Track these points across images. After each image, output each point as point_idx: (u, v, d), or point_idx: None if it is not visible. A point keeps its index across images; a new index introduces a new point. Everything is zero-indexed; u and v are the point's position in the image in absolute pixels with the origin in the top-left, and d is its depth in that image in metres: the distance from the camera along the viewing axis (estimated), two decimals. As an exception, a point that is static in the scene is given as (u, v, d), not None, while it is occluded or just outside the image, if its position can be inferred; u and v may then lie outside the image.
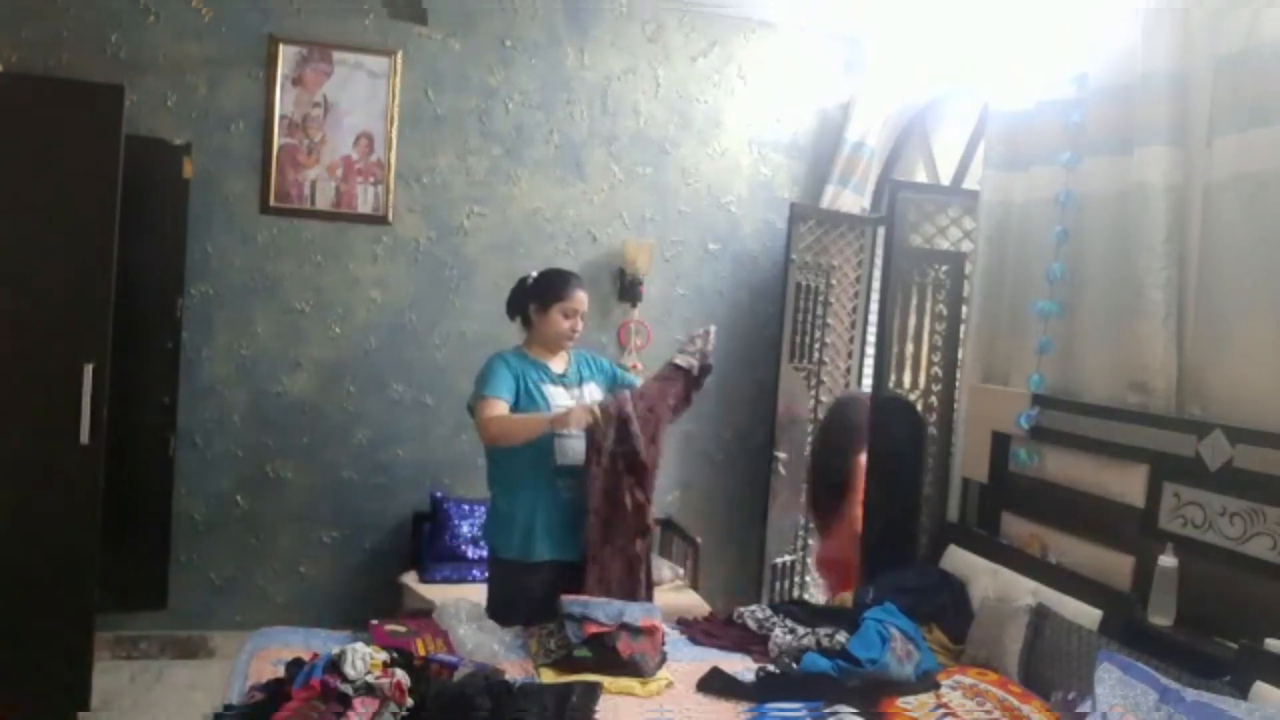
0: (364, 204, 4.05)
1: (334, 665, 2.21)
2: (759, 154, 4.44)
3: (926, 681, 2.55)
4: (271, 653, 2.51)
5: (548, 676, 2.51)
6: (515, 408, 2.87)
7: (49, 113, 3.22)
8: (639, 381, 3.16)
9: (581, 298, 3.01)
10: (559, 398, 2.93)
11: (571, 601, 2.69)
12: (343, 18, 3.98)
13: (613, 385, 3.11)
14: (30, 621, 3.19)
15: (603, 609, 2.64)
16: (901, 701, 2.44)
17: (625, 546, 2.91)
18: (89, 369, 3.18)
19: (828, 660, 2.51)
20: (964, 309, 3.53)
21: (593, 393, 3.03)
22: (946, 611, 2.96)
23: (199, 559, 3.99)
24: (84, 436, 3.18)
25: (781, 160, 4.47)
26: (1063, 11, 3.06)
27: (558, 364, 3.03)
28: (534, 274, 3.09)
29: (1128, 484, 2.65)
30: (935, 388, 3.65)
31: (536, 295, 3.00)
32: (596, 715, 2.29)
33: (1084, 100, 2.95)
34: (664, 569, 3.95)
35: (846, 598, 3.44)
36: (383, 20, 4.00)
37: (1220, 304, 2.48)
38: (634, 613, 2.65)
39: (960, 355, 3.55)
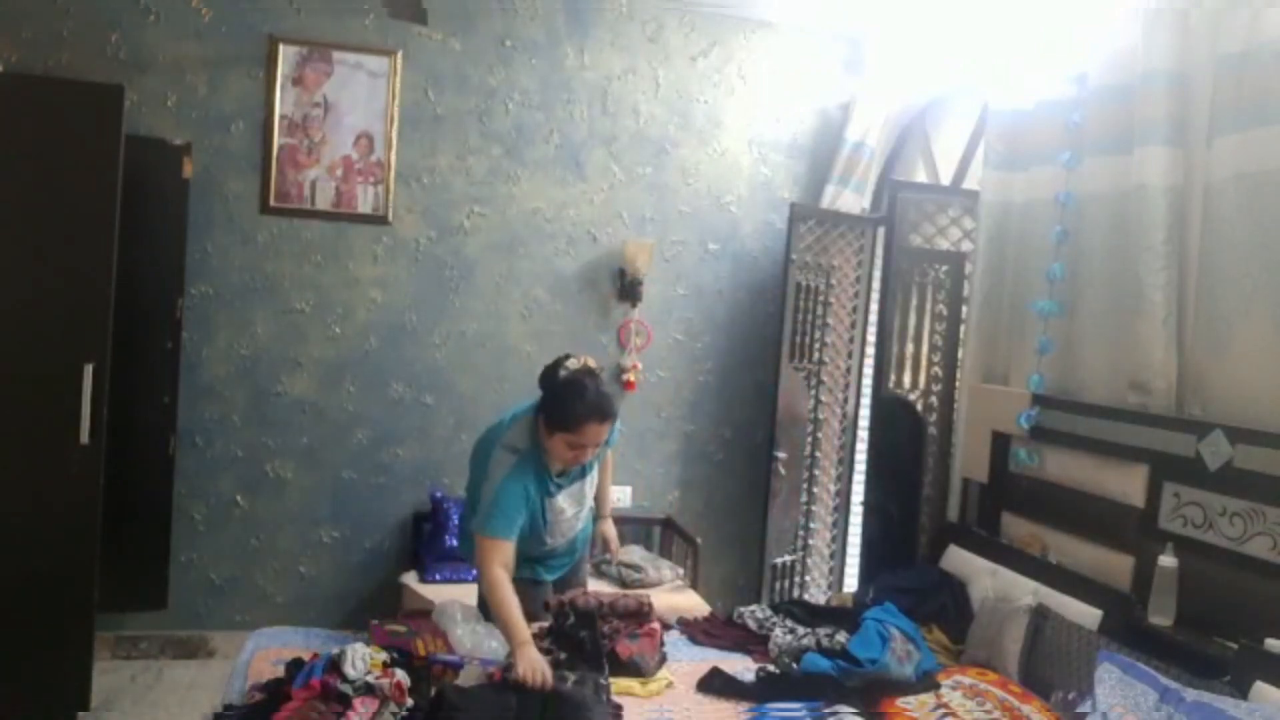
0: (364, 204, 4.05)
1: (334, 665, 2.21)
2: (759, 154, 4.44)
3: (926, 681, 2.55)
4: (271, 653, 2.51)
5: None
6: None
7: (49, 113, 3.22)
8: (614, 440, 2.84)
9: (594, 431, 2.53)
10: (558, 509, 2.68)
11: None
12: (343, 18, 3.98)
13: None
14: (30, 621, 3.19)
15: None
16: (901, 701, 2.44)
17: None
18: (89, 369, 3.18)
19: (828, 660, 2.51)
20: (964, 309, 3.54)
21: (591, 480, 2.77)
22: (946, 611, 2.97)
23: (199, 559, 3.99)
24: (84, 436, 3.18)
25: (781, 160, 4.47)
26: (1063, 11, 3.07)
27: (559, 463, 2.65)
28: (569, 364, 2.60)
29: (1128, 484, 2.65)
30: (935, 388, 3.66)
31: (546, 409, 2.58)
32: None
33: (1084, 100, 2.96)
34: (664, 569, 3.95)
35: (846, 597, 3.44)
36: (383, 20, 4.01)
37: (1220, 304, 2.48)
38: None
39: (960, 355, 3.55)
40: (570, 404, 2.52)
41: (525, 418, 2.66)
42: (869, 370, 4.01)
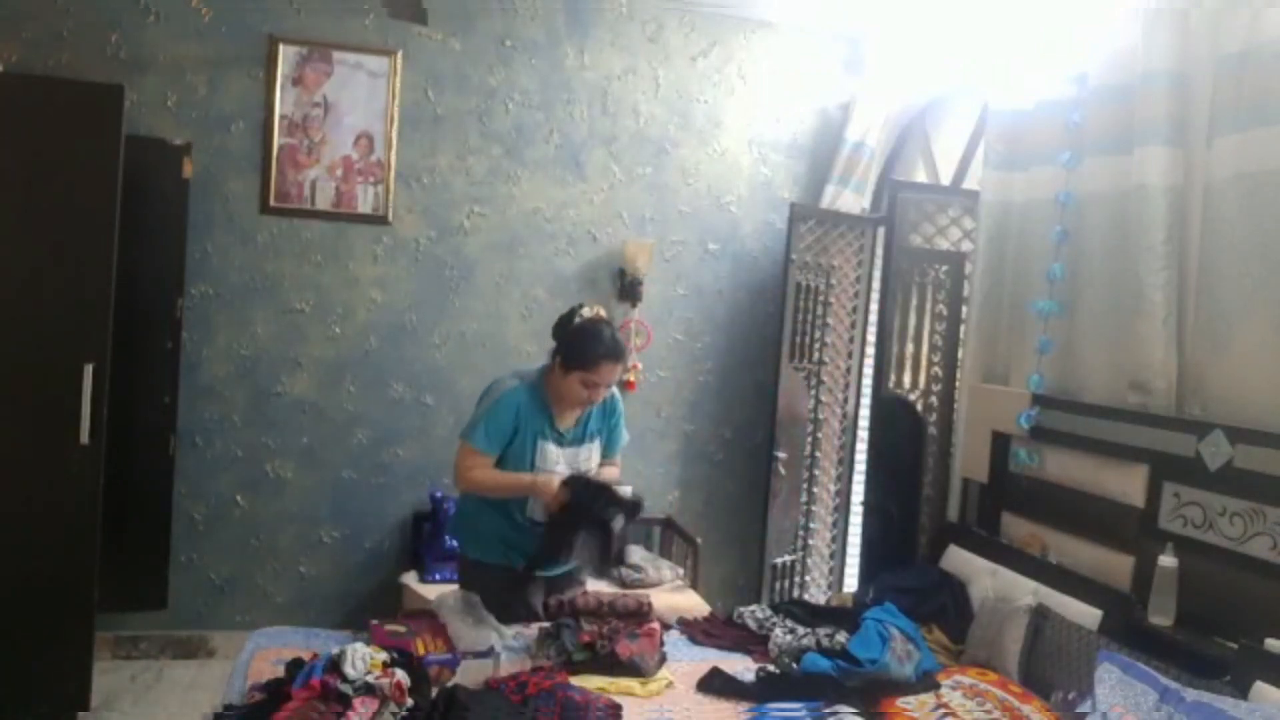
0: (364, 204, 4.05)
1: (334, 665, 2.21)
2: (759, 154, 4.44)
3: (926, 681, 2.55)
4: (271, 653, 2.51)
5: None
6: (502, 455, 2.71)
7: (49, 113, 3.22)
8: (623, 441, 2.96)
9: (609, 370, 2.67)
10: (549, 458, 2.72)
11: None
12: (343, 18, 3.98)
13: (609, 438, 2.89)
14: (30, 621, 3.19)
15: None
16: (901, 701, 2.44)
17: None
18: (89, 369, 3.18)
19: (828, 660, 2.51)
20: (964, 309, 3.54)
21: (592, 454, 2.82)
22: (946, 611, 2.96)
23: (199, 559, 3.99)
24: (84, 436, 3.18)
25: (781, 160, 4.47)
26: (1063, 11, 3.06)
27: (567, 418, 2.77)
28: (583, 313, 2.76)
29: (1128, 484, 2.65)
30: (935, 388, 3.66)
31: (563, 350, 2.70)
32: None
33: (1084, 100, 2.95)
34: (664, 569, 3.95)
35: (846, 597, 3.44)
36: (383, 20, 4.01)
37: (1220, 304, 2.48)
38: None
39: (960, 355, 3.55)
40: (589, 344, 2.67)
41: (532, 369, 2.83)
42: (869, 370, 4.01)
